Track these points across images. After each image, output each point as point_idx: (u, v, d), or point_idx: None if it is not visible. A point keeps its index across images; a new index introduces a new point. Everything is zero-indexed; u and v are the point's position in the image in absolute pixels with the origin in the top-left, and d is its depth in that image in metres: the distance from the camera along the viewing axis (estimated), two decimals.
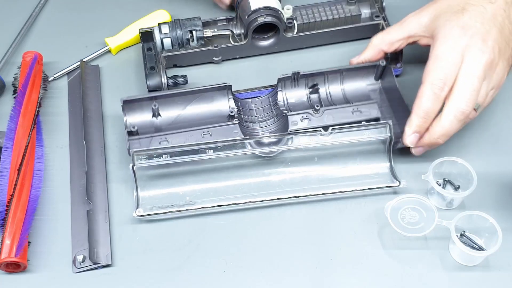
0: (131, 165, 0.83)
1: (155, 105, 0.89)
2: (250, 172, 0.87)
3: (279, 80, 0.92)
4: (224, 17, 0.99)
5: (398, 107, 0.89)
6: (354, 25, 0.99)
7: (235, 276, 0.80)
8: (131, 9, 1.05)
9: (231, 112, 0.90)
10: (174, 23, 0.96)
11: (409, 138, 0.83)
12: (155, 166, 0.85)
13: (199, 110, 0.92)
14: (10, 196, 0.81)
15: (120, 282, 0.80)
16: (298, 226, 0.83)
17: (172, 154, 0.84)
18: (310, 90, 0.93)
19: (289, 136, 0.86)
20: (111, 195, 0.87)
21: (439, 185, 0.84)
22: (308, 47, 1.00)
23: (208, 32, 0.97)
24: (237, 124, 0.89)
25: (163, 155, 0.84)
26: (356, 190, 0.85)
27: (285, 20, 0.97)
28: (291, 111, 0.90)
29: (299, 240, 0.82)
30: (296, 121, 0.88)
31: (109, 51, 1.00)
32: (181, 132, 0.88)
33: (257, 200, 0.84)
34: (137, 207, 0.84)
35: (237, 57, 0.99)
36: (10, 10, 1.06)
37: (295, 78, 0.92)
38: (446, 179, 0.86)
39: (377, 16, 0.99)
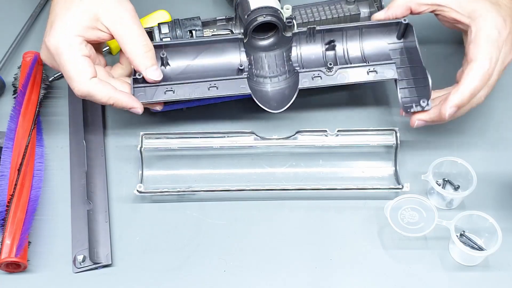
0: (138, 146, 0.85)
1: (163, 54, 0.90)
2: (255, 162, 0.88)
3: (294, 34, 0.90)
4: (224, 17, 0.99)
5: (417, 69, 0.87)
6: None
7: (235, 276, 0.80)
8: None
9: (241, 66, 0.89)
10: (174, 23, 0.96)
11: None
12: (162, 149, 0.87)
13: (209, 61, 0.91)
14: (10, 196, 0.81)
15: (120, 282, 0.80)
16: (298, 226, 0.84)
17: (179, 139, 0.87)
18: (327, 46, 0.91)
19: (295, 135, 0.87)
20: (111, 194, 0.87)
21: (439, 185, 0.84)
22: None
23: (207, 32, 0.97)
24: (246, 79, 0.88)
25: (170, 139, 0.87)
26: (358, 189, 0.84)
27: (285, 20, 0.97)
28: (304, 68, 0.89)
29: (299, 240, 0.83)
30: (307, 80, 0.87)
31: (109, 51, 1.00)
32: (187, 83, 0.87)
33: (260, 189, 0.85)
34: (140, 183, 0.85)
35: None
36: (10, 10, 1.06)
37: (311, 34, 0.90)
38: (446, 179, 0.86)
39: None
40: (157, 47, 0.89)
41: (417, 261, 0.80)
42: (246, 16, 0.95)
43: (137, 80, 0.87)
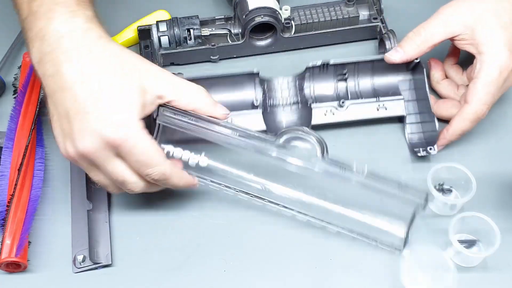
0: (154, 115, 0.78)
1: None
2: (268, 171, 0.83)
3: (307, 69, 0.92)
4: (223, 16, 0.99)
5: (424, 103, 0.89)
6: (352, 27, 0.99)
7: (235, 276, 0.80)
8: (131, 9, 1.05)
9: (256, 102, 0.90)
10: (172, 21, 0.96)
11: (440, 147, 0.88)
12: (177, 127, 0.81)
13: (224, 97, 0.92)
14: (11, 196, 0.81)
15: (120, 282, 0.80)
16: (298, 226, 0.84)
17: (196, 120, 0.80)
18: (339, 77, 0.92)
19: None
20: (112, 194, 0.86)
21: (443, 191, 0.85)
22: (305, 48, 1.00)
23: (205, 31, 0.97)
24: (260, 114, 0.89)
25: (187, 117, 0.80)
26: (358, 235, 0.81)
27: (283, 21, 0.97)
28: (316, 101, 0.91)
29: (299, 240, 0.83)
30: (320, 116, 0.89)
31: None
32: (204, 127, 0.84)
33: (259, 202, 0.83)
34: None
35: (234, 56, 0.99)
36: (11, 10, 1.05)
37: (324, 67, 0.92)
38: (441, 184, 0.86)
39: (375, 18, 0.99)
40: None
41: None
42: (244, 16, 0.96)
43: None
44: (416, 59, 0.90)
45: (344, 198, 0.82)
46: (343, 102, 0.89)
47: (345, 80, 0.93)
